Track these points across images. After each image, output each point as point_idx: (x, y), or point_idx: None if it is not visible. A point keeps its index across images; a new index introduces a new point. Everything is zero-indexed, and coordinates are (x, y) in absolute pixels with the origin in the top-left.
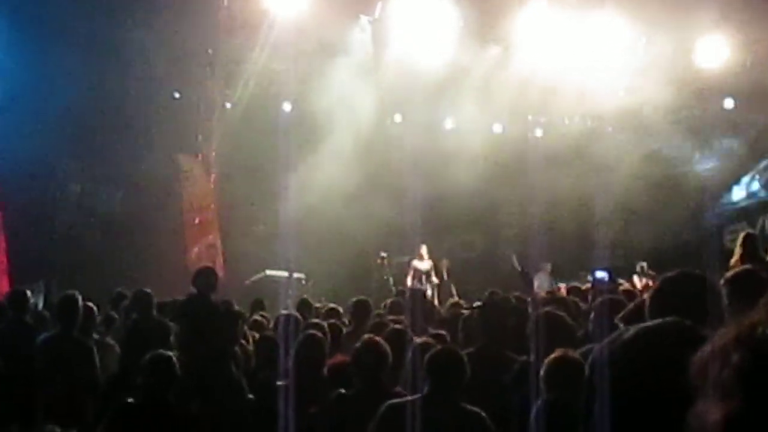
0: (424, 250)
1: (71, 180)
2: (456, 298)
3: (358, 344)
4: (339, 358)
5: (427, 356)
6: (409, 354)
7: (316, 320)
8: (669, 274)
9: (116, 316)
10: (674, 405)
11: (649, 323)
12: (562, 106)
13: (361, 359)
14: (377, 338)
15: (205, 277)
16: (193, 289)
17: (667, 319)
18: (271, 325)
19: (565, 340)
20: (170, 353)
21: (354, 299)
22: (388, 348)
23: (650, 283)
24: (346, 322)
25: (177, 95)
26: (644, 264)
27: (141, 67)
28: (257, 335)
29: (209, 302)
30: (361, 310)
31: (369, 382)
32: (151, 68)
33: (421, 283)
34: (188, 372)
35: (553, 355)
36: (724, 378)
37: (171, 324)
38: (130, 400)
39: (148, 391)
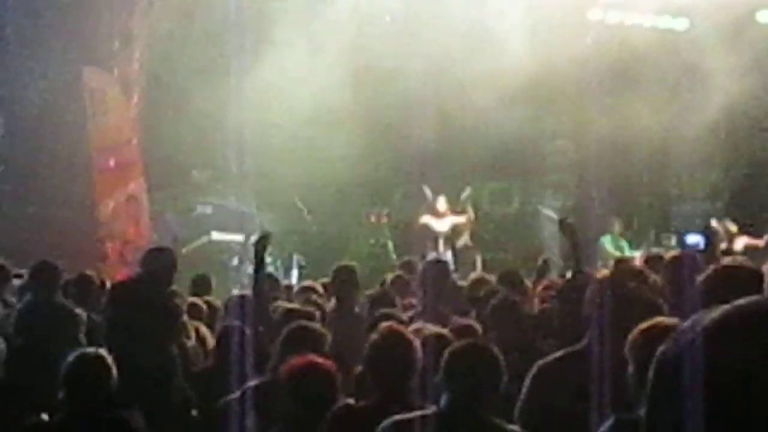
0: (441, 202)
1: None
2: (479, 272)
3: (374, 336)
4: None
5: (445, 354)
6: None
7: (289, 305)
8: None
9: None
10: None
11: (743, 301)
12: None
13: (379, 359)
14: (400, 327)
15: (161, 258)
16: (138, 271)
17: None
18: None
19: None
20: (102, 352)
21: (337, 266)
22: (417, 342)
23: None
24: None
25: None
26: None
27: None
28: (203, 328)
29: (159, 292)
30: (344, 281)
31: (390, 392)
32: None
33: (437, 250)
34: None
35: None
36: None
37: (81, 313)
38: (44, 416)
39: (74, 407)
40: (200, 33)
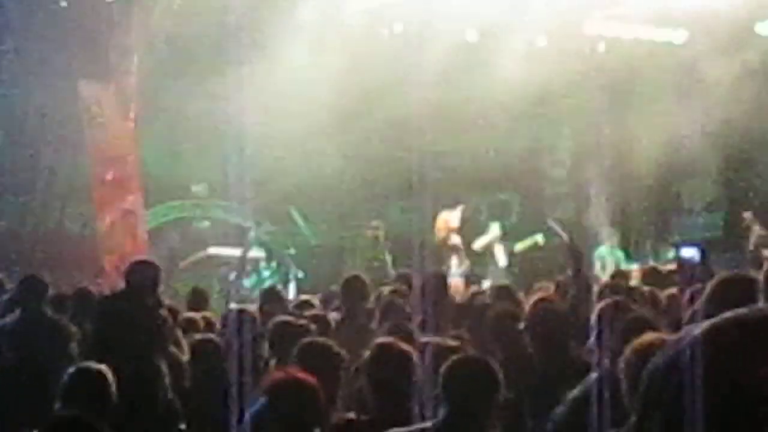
0: (455, 218)
1: None
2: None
3: (371, 350)
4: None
5: (444, 368)
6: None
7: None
8: None
9: None
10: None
11: (731, 313)
12: (637, 10)
13: (376, 371)
14: (396, 342)
15: (145, 271)
16: (122, 285)
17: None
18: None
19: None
20: (103, 367)
21: (347, 276)
22: (414, 356)
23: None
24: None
25: None
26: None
27: None
28: (198, 337)
29: (143, 304)
30: (354, 291)
31: (390, 405)
32: None
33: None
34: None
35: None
36: None
37: (71, 326)
38: None
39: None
40: (197, 46)
